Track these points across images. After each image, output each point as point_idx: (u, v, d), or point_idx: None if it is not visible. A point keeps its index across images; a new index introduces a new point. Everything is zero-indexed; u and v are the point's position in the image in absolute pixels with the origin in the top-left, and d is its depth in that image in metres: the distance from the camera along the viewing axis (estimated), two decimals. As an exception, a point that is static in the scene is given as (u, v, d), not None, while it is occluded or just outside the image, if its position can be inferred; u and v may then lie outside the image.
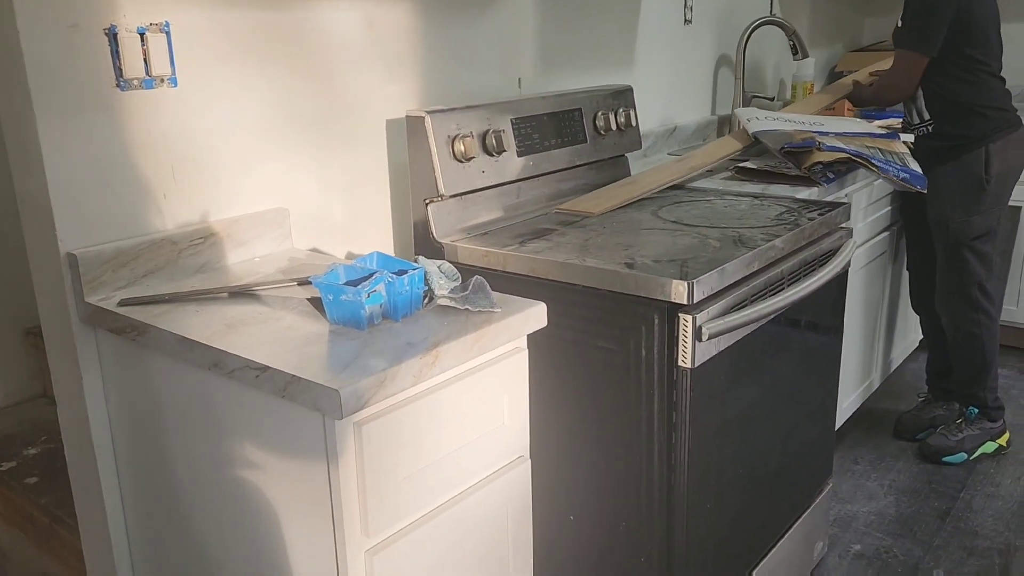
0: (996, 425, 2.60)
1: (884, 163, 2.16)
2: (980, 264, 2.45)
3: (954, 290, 2.49)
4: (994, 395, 2.58)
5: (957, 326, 2.52)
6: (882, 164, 2.15)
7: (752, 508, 1.75)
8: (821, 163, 2.14)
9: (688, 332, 1.40)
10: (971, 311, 2.49)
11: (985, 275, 2.48)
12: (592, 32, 2.35)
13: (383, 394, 1.05)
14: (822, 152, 2.16)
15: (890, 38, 3.59)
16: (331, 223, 1.74)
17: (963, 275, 2.46)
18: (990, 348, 2.52)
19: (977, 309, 2.49)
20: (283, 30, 1.58)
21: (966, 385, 2.59)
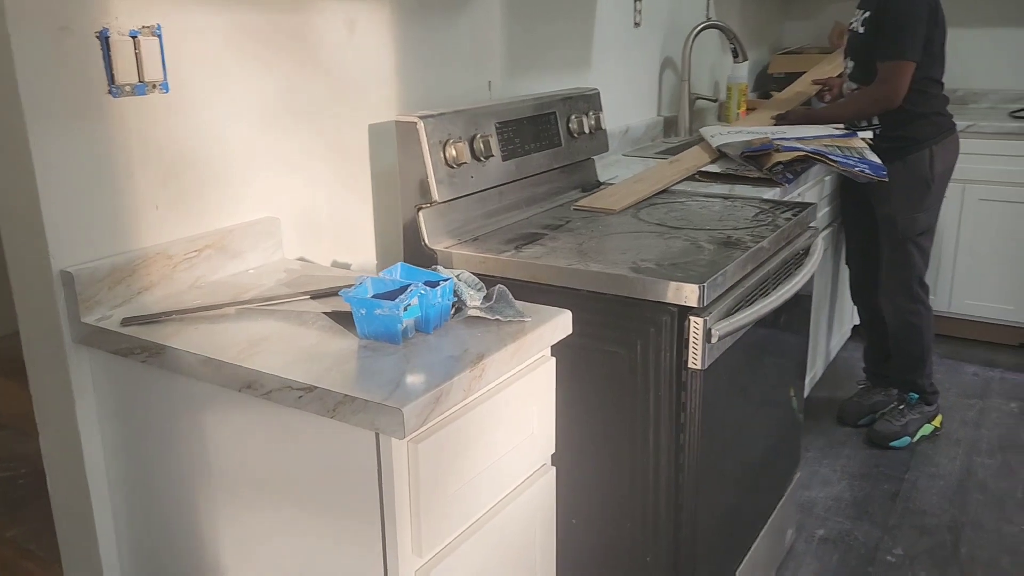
0: (932, 408, 2.77)
1: (843, 158, 2.27)
2: (921, 259, 2.61)
3: (897, 283, 2.64)
4: (930, 381, 2.75)
5: (899, 317, 2.67)
6: (841, 159, 2.26)
7: (742, 503, 1.80)
8: (781, 163, 2.22)
9: (699, 334, 1.43)
10: (911, 303, 2.64)
11: (925, 269, 2.64)
12: (553, 35, 2.36)
13: (439, 410, 1.03)
14: (781, 153, 2.25)
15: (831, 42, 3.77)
16: (317, 231, 1.69)
17: (906, 269, 2.61)
18: (927, 337, 2.68)
19: (917, 301, 2.64)
20: (272, 34, 1.52)
21: (906, 372, 2.74)
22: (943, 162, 2.55)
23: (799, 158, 2.24)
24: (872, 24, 2.48)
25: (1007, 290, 3.35)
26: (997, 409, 3.00)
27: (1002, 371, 3.29)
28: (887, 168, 2.45)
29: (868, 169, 2.28)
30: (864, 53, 2.54)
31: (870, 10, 2.51)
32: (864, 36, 2.53)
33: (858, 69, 2.60)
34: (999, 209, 3.30)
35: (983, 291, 3.39)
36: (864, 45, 2.53)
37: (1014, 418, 2.93)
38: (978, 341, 3.51)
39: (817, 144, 2.34)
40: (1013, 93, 3.65)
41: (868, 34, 2.51)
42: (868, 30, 2.51)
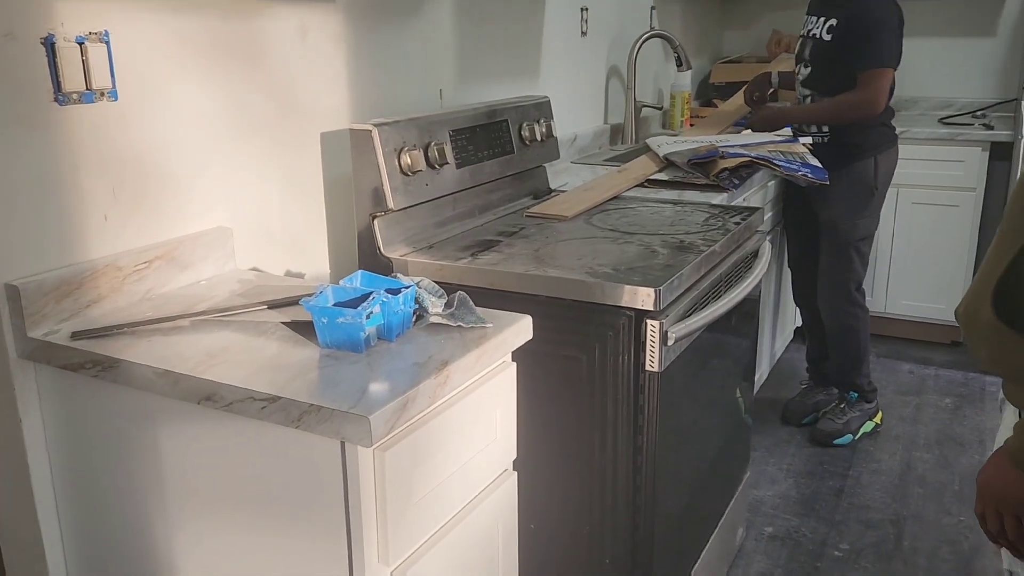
0: (871, 406, 2.86)
1: (787, 162, 2.33)
2: (861, 264, 2.70)
3: (836, 287, 2.72)
4: (868, 379, 2.84)
5: (837, 320, 2.75)
6: (785, 163, 2.32)
7: (696, 503, 1.84)
8: (727, 169, 2.28)
9: (656, 337, 1.45)
10: (850, 306, 2.73)
11: (863, 274, 2.73)
12: (503, 43, 2.38)
13: (405, 417, 1.03)
14: (726, 160, 2.31)
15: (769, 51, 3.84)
16: (269, 241, 1.67)
17: (846, 273, 2.69)
18: (864, 339, 2.77)
19: (855, 304, 2.73)
20: (222, 40, 1.50)
21: (844, 373, 2.83)
22: (886, 171, 2.65)
23: (744, 164, 2.29)
24: (842, 31, 2.51)
25: (939, 290, 3.49)
26: (933, 405, 3.11)
27: (936, 368, 3.42)
28: (831, 174, 2.53)
29: (810, 173, 2.35)
30: (827, 60, 2.56)
31: (836, 18, 2.53)
32: (831, 43, 2.54)
33: (817, 75, 2.63)
34: (931, 212, 3.43)
35: (917, 292, 3.52)
36: (829, 52, 2.55)
37: (949, 413, 3.05)
38: (913, 340, 3.64)
39: (761, 150, 2.41)
40: (941, 100, 3.80)
41: (836, 41, 2.52)
42: (836, 37, 2.52)
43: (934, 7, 3.73)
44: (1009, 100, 3.62)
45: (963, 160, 3.37)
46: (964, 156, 3.36)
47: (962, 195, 3.39)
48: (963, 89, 3.79)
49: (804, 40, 2.70)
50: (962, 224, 3.42)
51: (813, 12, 2.69)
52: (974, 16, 3.73)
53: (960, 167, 3.37)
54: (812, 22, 2.66)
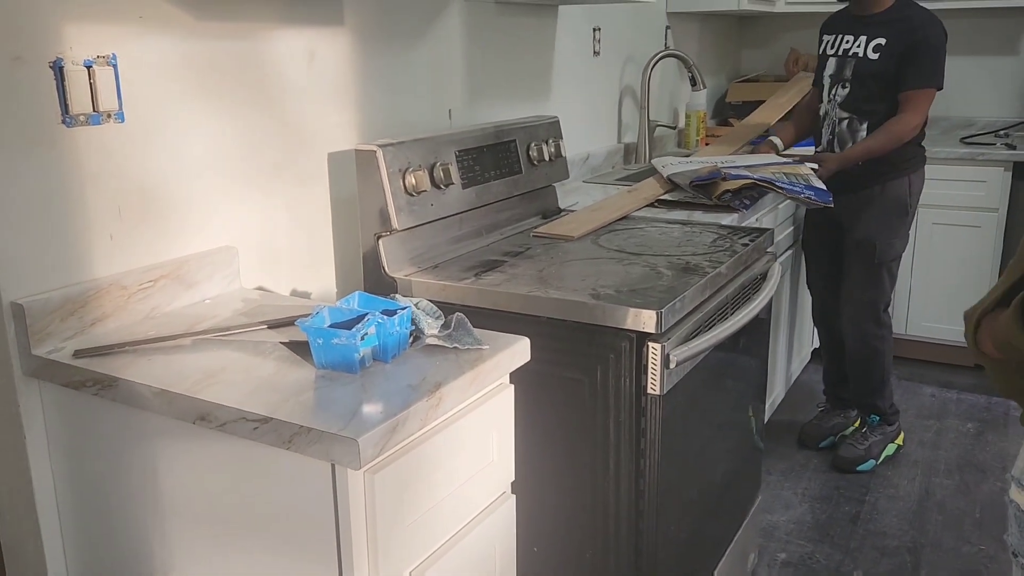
0: (893, 428, 2.80)
1: (789, 184, 2.31)
2: (890, 284, 2.66)
3: (865, 308, 2.67)
4: (890, 402, 2.79)
5: (863, 341, 2.71)
6: (787, 185, 2.30)
7: (702, 528, 1.81)
8: (729, 191, 2.26)
9: (657, 360, 1.44)
10: (877, 327, 2.68)
11: (891, 294, 2.69)
12: (514, 64, 2.39)
13: (395, 440, 1.03)
14: (728, 181, 2.29)
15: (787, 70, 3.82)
16: (275, 260, 1.68)
17: (876, 294, 2.64)
18: (888, 360, 2.73)
19: (882, 325, 2.68)
20: (229, 62, 1.52)
21: (866, 395, 2.78)
22: (918, 190, 2.62)
23: (746, 186, 2.27)
24: (894, 51, 2.46)
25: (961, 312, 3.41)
26: (954, 430, 3.05)
27: (958, 392, 3.36)
28: (864, 193, 2.49)
29: (814, 195, 2.32)
30: (875, 80, 2.50)
31: (884, 37, 2.48)
32: (879, 62, 2.48)
33: (860, 96, 2.55)
34: (952, 232, 3.39)
35: (939, 313, 3.47)
36: (877, 72, 2.49)
37: (970, 438, 2.99)
38: (935, 363, 3.58)
39: (764, 171, 2.39)
40: (963, 119, 3.76)
41: (887, 61, 2.47)
42: (886, 57, 2.47)
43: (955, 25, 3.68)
44: (1032, 120, 3.57)
45: (985, 180, 3.32)
46: (986, 176, 3.31)
47: (984, 215, 3.34)
48: (985, 108, 3.74)
49: (839, 59, 2.60)
50: (984, 245, 3.37)
51: (847, 31, 2.59)
52: (996, 35, 3.69)
53: (982, 187, 3.33)
54: (848, 41, 2.58)
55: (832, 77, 2.64)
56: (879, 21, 2.52)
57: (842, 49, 2.60)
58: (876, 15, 2.54)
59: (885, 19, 2.52)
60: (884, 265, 2.63)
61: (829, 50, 2.66)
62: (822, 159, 2.54)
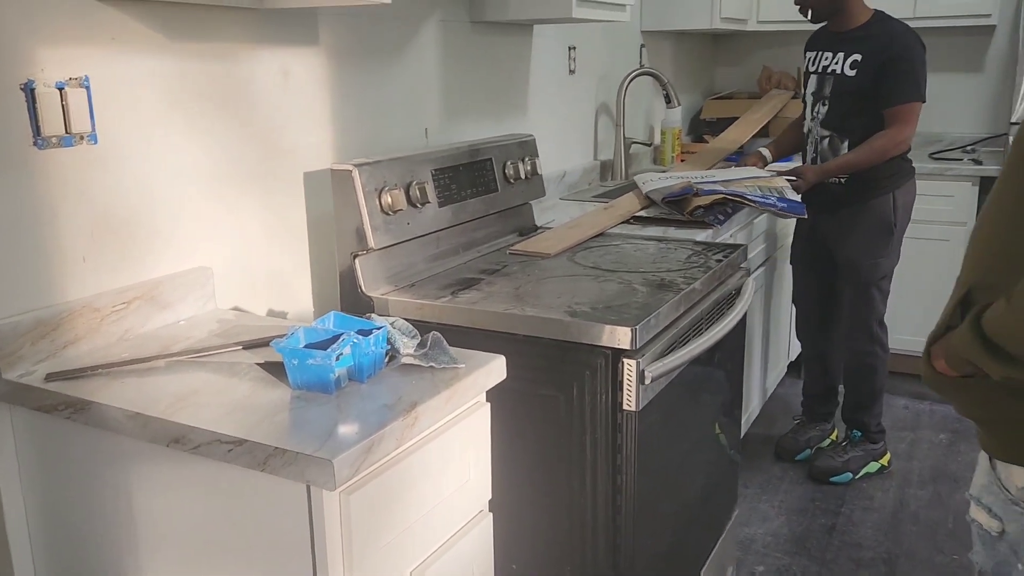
0: (878, 447, 2.82)
1: (762, 197, 2.33)
2: (882, 302, 2.68)
3: (858, 325, 2.69)
4: (878, 420, 2.80)
5: (856, 358, 2.73)
6: (760, 199, 2.32)
7: (681, 543, 1.82)
8: (701, 207, 2.28)
9: (633, 376, 1.45)
10: (870, 344, 2.70)
11: (884, 311, 2.70)
12: (490, 82, 2.41)
13: (370, 460, 1.03)
14: (700, 197, 2.31)
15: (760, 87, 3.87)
16: (251, 280, 1.68)
17: (869, 312, 2.66)
18: (881, 378, 2.75)
19: (875, 342, 2.70)
20: (204, 82, 1.52)
21: (855, 411, 2.80)
22: (904, 204, 2.60)
23: (718, 200, 2.30)
24: (872, 67, 2.47)
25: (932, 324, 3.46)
26: (927, 440, 3.09)
27: (931, 403, 3.40)
28: (848, 210, 2.50)
29: (786, 207, 2.35)
30: (852, 97, 2.52)
31: (860, 53, 2.49)
32: (856, 79, 2.49)
33: (839, 113, 2.56)
34: (922, 246, 3.43)
35: (910, 326, 3.50)
36: (855, 88, 2.50)
37: (943, 449, 3.03)
38: (907, 375, 3.61)
39: (738, 185, 2.41)
40: (931, 135, 3.83)
41: (863, 77, 2.48)
42: (863, 73, 2.48)
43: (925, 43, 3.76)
44: (998, 135, 3.65)
45: (953, 195, 3.38)
46: (954, 191, 3.38)
47: (952, 229, 3.40)
48: (953, 124, 3.82)
49: (819, 77, 2.62)
50: (953, 258, 3.41)
51: (826, 47, 2.62)
52: (963, 52, 3.77)
53: (951, 202, 3.39)
54: (827, 58, 2.60)
55: (814, 95, 2.67)
56: (855, 37, 2.54)
57: (821, 66, 2.63)
58: (852, 31, 2.56)
59: (861, 35, 2.53)
60: (873, 284, 2.64)
61: (811, 67, 2.68)
62: (801, 172, 2.56)
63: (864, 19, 2.55)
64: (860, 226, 2.57)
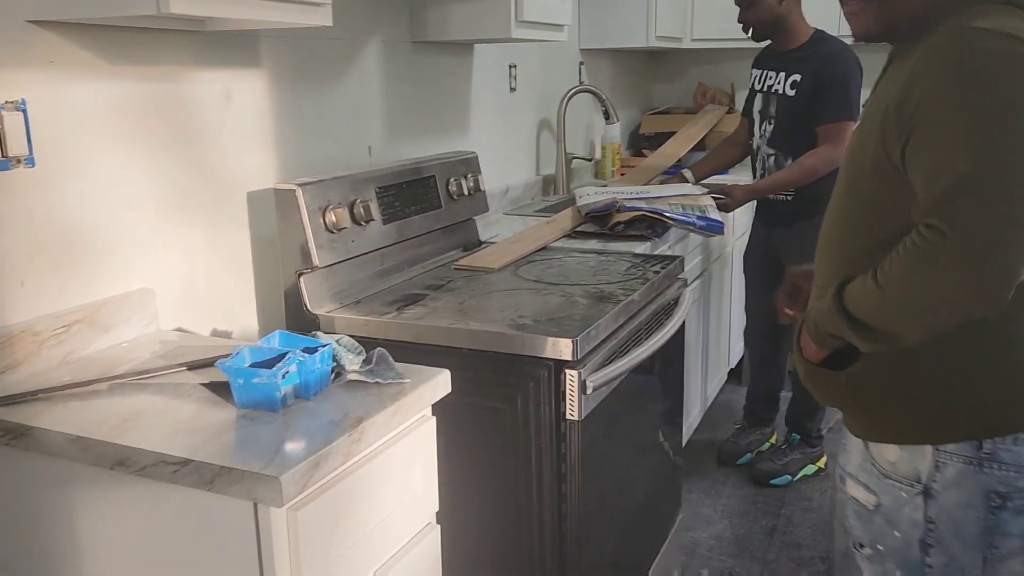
0: (815, 451, 2.92)
1: (682, 215, 2.39)
2: None
3: None
4: (818, 426, 2.90)
5: None
6: (679, 216, 2.39)
7: (626, 549, 1.87)
8: (621, 222, 2.35)
9: (575, 386, 1.50)
10: None
11: None
12: (432, 101, 2.44)
13: (317, 476, 1.04)
14: (620, 213, 2.38)
15: (695, 102, 3.95)
16: (195, 301, 1.67)
17: None
18: None
19: None
20: (145, 105, 1.52)
21: (799, 416, 2.89)
22: None
23: (637, 217, 2.36)
24: (809, 87, 2.53)
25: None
26: (861, 441, 3.20)
27: (865, 405, 3.52)
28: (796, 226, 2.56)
29: (704, 226, 2.40)
30: (793, 117, 2.59)
31: (800, 73, 2.56)
32: (795, 99, 2.56)
33: (783, 132, 2.63)
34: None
35: (843, 331, 3.64)
36: (794, 108, 2.57)
37: (877, 449, 3.14)
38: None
39: (661, 203, 2.46)
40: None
41: (801, 97, 2.55)
42: (802, 93, 2.55)
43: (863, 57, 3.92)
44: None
45: (880, 204, 3.52)
46: (881, 201, 3.51)
47: (881, 238, 3.54)
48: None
49: (764, 96, 2.69)
50: (882, 265, 3.56)
51: (769, 67, 2.68)
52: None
53: (878, 211, 3.52)
54: (771, 77, 2.66)
55: (760, 113, 2.74)
56: (796, 57, 2.61)
57: (766, 85, 2.70)
58: (793, 51, 2.63)
59: (801, 55, 2.61)
60: None
61: (757, 85, 2.75)
62: (729, 191, 2.63)
63: (804, 38, 2.63)
64: (807, 240, 2.64)
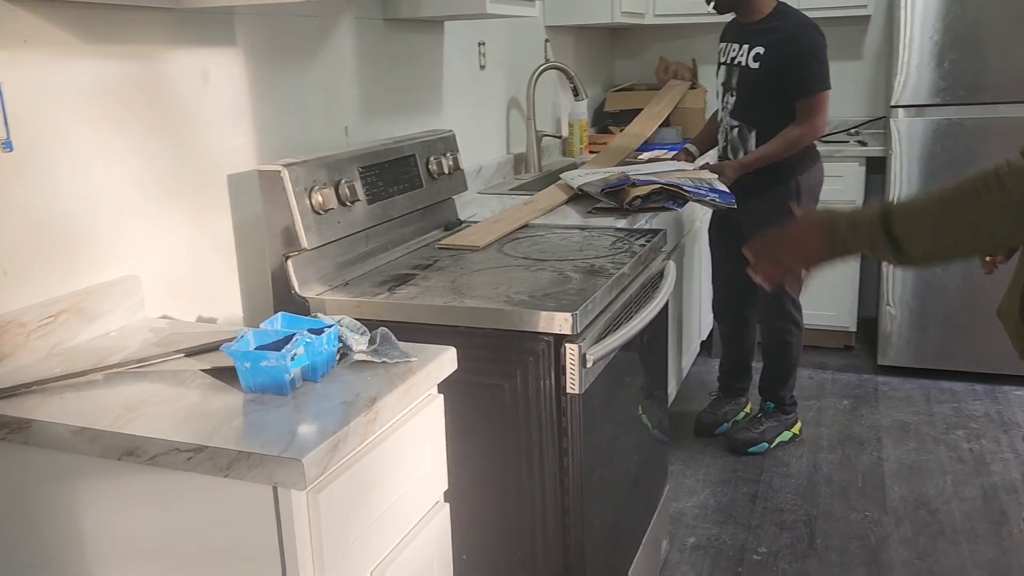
0: (790, 417, 2.98)
1: (695, 188, 2.42)
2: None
3: (773, 306, 2.82)
4: (791, 393, 2.96)
5: (772, 336, 2.87)
6: (693, 189, 2.41)
7: (622, 520, 1.88)
8: (639, 196, 2.34)
9: (575, 360, 1.50)
10: (785, 322, 2.83)
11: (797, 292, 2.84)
12: (405, 79, 2.41)
13: (337, 457, 1.03)
14: (637, 187, 2.37)
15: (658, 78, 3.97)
16: (179, 288, 1.63)
17: (780, 292, 2.78)
18: (796, 354, 2.89)
19: (790, 320, 2.84)
20: (122, 85, 1.47)
21: (771, 384, 2.94)
22: (809, 187, 2.72)
23: (655, 191, 2.36)
24: (774, 60, 2.56)
25: (830, 298, 3.69)
26: (832, 407, 3.28)
27: (832, 372, 3.61)
28: (757, 199, 2.60)
29: (718, 198, 2.43)
30: (756, 89, 2.62)
31: (763, 46, 2.58)
32: (759, 71, 2.59)
33: (745, 104, 2.67)
34: (817, 226, 3.63)
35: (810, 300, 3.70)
36: (758, 80, 2.60)
37: (847, 414, 3.22)
38: (810, 347, 3.82)
39: (671, 176, 2.48)
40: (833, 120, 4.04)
41: (766, 70, 2.57)
42: (766, 66, 2.58)
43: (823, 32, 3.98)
44: (879, 118, 3.89)
45: (843, 175, 3.59)
46: (843, 171, 3.59)
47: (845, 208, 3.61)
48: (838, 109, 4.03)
49: (728, 68, 2.72)
50: (846, 235, 3.63)
51: (733, 39, 2.71)
52: (844, 41, 4.00)
53: (840, 182, 3.59)
54: (735, 49, 2.69)
55: (723, 85, 2.77)
56: (759, 30, 2.64)
57: (729, 57, 2.72)
58: (756, 23, 2.66)
59: (763, 28, 2.63)
60: None
61: (721, 58, 2.77)
62: (721, 168, 2.64)
63: (768, 10, 2.66)
64: (765, 214, 2.66)
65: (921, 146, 3.35)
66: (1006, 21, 3.15)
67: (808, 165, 2.73)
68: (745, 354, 3.07)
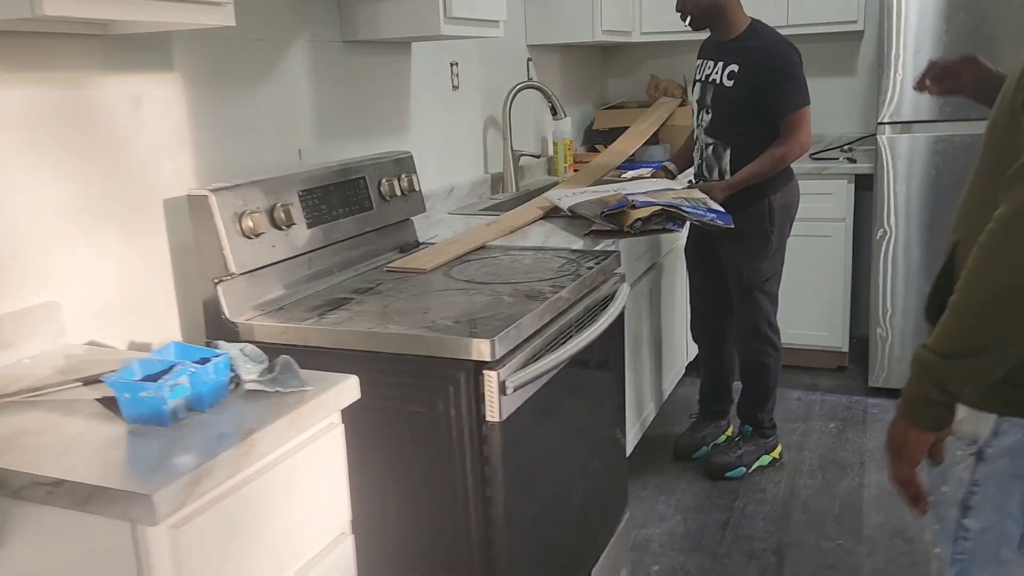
0: (769, 441, 2.91)
1: (693, 208, 2.37)
2: (769, 303, 2.75)
3: (747, 326, 2.77)
4: (770, 416, 2.90)
5: (749, 357, 2.81)
6: (691, 210, 2.36)
7: (562, 548, 1.84)
8: (640, 219, 2.28)
9: (494, 387, 1.47)
10: (761, 344, 2.78)
11: (773, 312, 2.78)
12: (367, 101, 2.40)
13: (199, 492, 1.01)
14: (637, 209, 2.31)
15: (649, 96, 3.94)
16: (110, 312, 1.63)
17: (755, 313, 2.74)
18: (774, 376, 2.83)
19: (766, 342, 2.78)
20: (49, 112, 1.48)
21: (749, 407, 2.88)
22: (783, 206, 2.67)
23: (656, 213, 2.31)
24: (748, 78, 2.54)
25: (821, 317, 3.62)
26: (818, 430, 3.20)
27: (822, 394, 3.53)
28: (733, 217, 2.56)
29: (717, 218, 2.38)
30: (731, 107, 2.59)
31: (737, 64, 2.56)
32: (734, 89, 2.57)
33: (720, 121, 2.64)
34: (806, 243, 3.56)
35: (799, 319, 3.64)
36: (732, 98, 2.58)
37: (833, 437, 3.14)
38: (801, 367, 3.75)
39: (667, 197, 2.42)
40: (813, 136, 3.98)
41: (740, 88, 2.55)
42: (740, 84, 2.55)
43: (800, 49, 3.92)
44: (870, 135, 3.82)
45: (832, 192, 3.53)
46: (832, 189, 3.52)
47: (833, 226, 3.55)
48: (830, 125, 3.98)
49: (703, 85, 2.69)
50: (836, 253, 3.57)
51: (708, 56, 2.69)
52: (836, 57, 3.94)
53: (829, 199, 3.53)
54: (709, 67, 2.66)
55: (698, 103, 2.74)
56: (733, 48, 2.61)
57: (704, 75, 2.70)
58: (731, 41, 2.63)
59: (738, 46, 2.61)
60: (755, 288, 2.71)
61: (697, 75, 2.75)
62: (710, 188, 2.59)
63: (742, 28, 2.63)
64: (740, 233, 2.62)
65: (908, 164, 3.28)
66: (995, 39, 3.08)
67: (782, 184, 2.68)
68: (724, 376, 3.01)
